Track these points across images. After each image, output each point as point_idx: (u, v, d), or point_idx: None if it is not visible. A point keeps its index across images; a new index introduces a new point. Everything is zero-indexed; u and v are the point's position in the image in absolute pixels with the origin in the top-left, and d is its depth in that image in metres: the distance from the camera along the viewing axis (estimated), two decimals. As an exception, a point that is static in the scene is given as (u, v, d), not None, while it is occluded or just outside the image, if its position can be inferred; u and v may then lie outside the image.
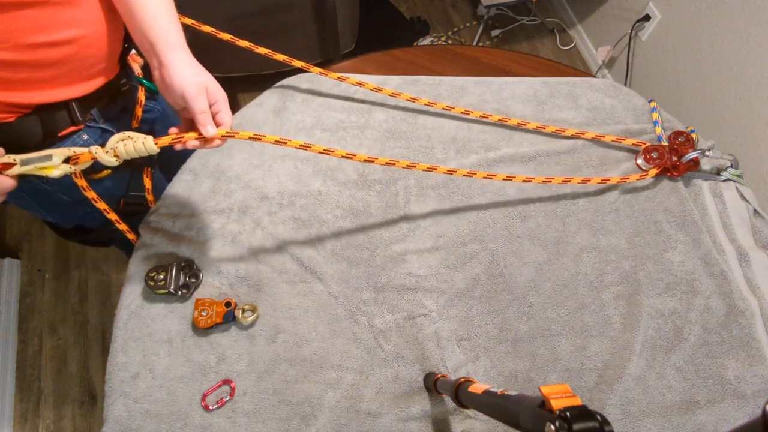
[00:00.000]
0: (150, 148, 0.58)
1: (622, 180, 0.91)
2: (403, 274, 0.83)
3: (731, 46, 1.46)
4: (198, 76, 0.59)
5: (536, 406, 0.39)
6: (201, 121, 0.58)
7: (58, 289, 1.59)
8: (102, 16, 0.64)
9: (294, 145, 0.66)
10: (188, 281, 0.77)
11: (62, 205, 0.79)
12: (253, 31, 1.61)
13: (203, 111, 0.58)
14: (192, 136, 0.59)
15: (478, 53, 1.14)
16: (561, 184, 0.88)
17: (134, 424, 0.70)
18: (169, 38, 0.60)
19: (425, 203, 0.89)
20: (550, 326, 0.81)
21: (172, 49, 0.59)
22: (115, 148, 0.57)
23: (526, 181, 0.85)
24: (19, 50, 0.57)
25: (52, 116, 0.65)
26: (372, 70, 1.06)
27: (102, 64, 0.69)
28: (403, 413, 0.73)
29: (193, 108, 0.57)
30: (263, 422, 0.72)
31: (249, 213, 0.86)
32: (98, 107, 0.71)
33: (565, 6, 2.28)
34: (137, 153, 0.58)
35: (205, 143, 0.59)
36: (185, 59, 0.60)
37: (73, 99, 0.67)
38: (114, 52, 0.70)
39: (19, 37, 0.56)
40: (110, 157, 0.57)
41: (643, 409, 0.76)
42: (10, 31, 0.55)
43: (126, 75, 0.77)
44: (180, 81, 0.57)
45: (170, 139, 0.58)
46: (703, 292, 0.85)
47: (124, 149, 0.57)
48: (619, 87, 1.07)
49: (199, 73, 0.60)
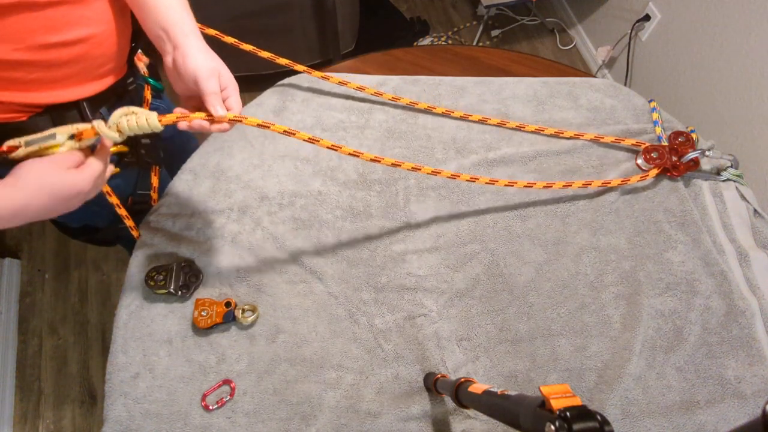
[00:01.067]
0: (153, 124, 0.56)
1: (623, 182, 0.91)
2: (403, 274, 0.83)
3: (731, 46, 1.46)
4: (212, 61, 0.59)
5: (536, 406, 0.39)
6: (211, 101, 0.57)
7: (58, 289, 1.59)
8: (111, 14, 0.64)
9: (302, 137, 0.66)
10: (188, 281, 0.77)
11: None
12: (253, 31, 1.61)
13: (214, 92, 0.58)
14: (199, 116, 0.58)
15: (478, 53, 1.14)
16: (562, 188, 0.88)
17: (134, 424, 0.70)
18: (183, 25, 0.60)
19: (425, 203, 0.89)
20: (550, 326, 0.81)
21: (186, 35, 0.60)
22: (118, 123, 0.56)
23: (528, 187, 0.85)
24: (32, 51, 0.57)
25: (63, 115, 0.65)
26: (372, 70, 1.06)
27: (112, 62, 0.69)
28: (403, 413, 0.73)
29: (204, 89, 0.57)
30: (263, 422, 0.72)
31: (249, 213, 0.86)
32: (107, 106, 0.72)
33: (565, 6, 2.28)
34: (140, 129, 0.56)
35: (211, 125, 0.58)
36: (199, 45, 0.60)
37: (83, 98, 0.67)
38: (123, 50, 0.71)
39: (33, 37, 0.56)
40: (113, 132, 0.55)
41: (643, 409, 0.76)
42: (24, 31, 0.55)
43: (133, 74, 0.77)
44: (194, 64, 0.58)
45: (175, 117, 0.57)
46: (703, 292, 0.85)
47: (127, 124, 0.56)
48: (619, 87, 1.07)
49: (213, 59, 0.60)
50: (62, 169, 0.52)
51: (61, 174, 0.52)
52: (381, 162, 0.74)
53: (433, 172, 0.78)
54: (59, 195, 0.52)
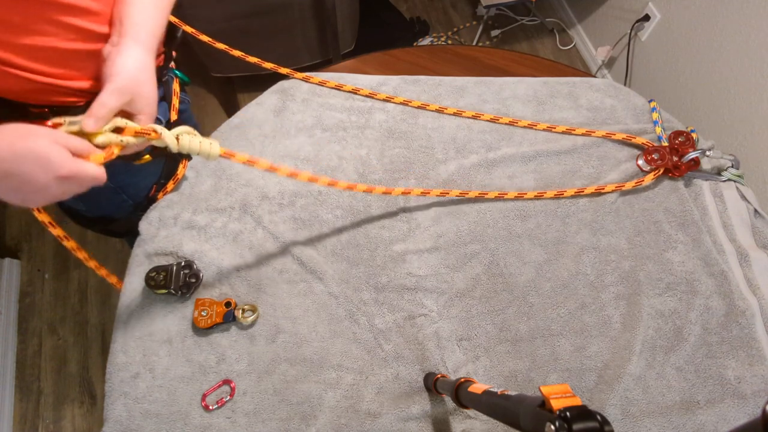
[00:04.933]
0: (214, 154, 0.59)
1: (617, 188, 0.91)
2: (403, 274, 0.83)
3: (731, 46, 1.46)
4: (135, 80, 0.55)
5: (536, 406, 0.39)
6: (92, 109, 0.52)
7: (58, 289, 1.59)
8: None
9: (263, 166, 0.67)
10: (188, 281, 0.77)
11: (102, 193, 0.79)
12: (253, 31, 1.61)
13: (102, 104, 0.53)
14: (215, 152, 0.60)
15: (478, 53, 1.14)
16: (553, 197, 0.88)
17: (134, 424, 0.70)
18: (140, 31, 0.58)
19: (425, 203, 0.89)
20: (550, 326, 0.81)
21: (138, 42, 0.57)
22: (180, 135, 0.57)
23: (538, 197, 0.86)
24: (96, 40, 0.58)
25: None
26: (372, 70, 1.06)
27: (161, 48, 0.71)
28: (403, 413, 0.73)
29: (100, 95, 0.53)
30: (263, 422, 0.71)
31: (250, 212, 0.86)
32: None
33: (564, 6, 2.28)
34: (199, 152, 0.58)
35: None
36: (140, 58, 0.56)
37: None
38: (161, 39, 0.71)
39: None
40: (173, 140, 0.57)
41: (643, 409, 0.76)
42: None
43: (167, 65, 0.79)
44: (115, 69, 0.54)
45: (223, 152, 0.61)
46: (703, 292, 0.85)
47: (189, 144, 0.57)
48: (619, 87, 1.07)
49: (140, 80, 0.55)
50: (56, 143, 0.48)
51: (51, 145, 0.47)
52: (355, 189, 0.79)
53: (442, 194, 0.82)
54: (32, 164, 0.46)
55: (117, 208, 0.85)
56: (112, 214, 0.87)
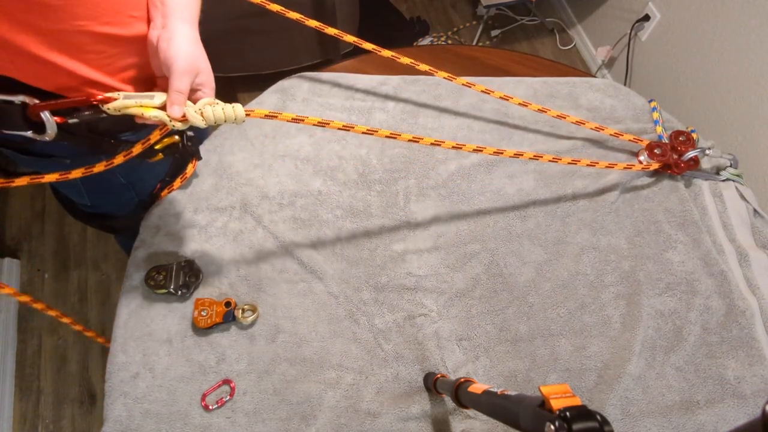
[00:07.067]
0: (240, 115, 0.58)
1: (628, 167, 0.90)
2: (403, 274, 0.83)
3: (731, 46, 1.46)
4: (194, 56, 0.57)
5: (536, 406, 0.39)
6: (172, 98, 0.55)
7: (58, 289, 1.59)
8: None
9: (312, 122, 0.65)
10: (188, 281, 0.77)
11: (112, 189, 0.79)
12: (253, 30, 1.61)
13: (179, 91, 0.55)
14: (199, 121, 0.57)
15: (478, 53, 1.14)
16: (569, 164, 0.86)
17: (134, 423, 0.70)
18: (183, 9, 0.58)
19: (425, 203, 0.89)
20: (550, 326, 0.81)
21: (183, 20, 0.58)
22: (203, 109, 0.57)
23: (536, 158, 0.80)
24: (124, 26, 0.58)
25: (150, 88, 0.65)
26: (372, 70, 1.05)
27: None
28: (403, 413, 0.73)
29: (171, 83, 0.55)
30: (263, 422, 0.71)
31: (250, 211, 0.86)
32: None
33: (564, 6, 2.28)
34: (225, 119, 0.57)
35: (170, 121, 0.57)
36: (189, 34, 0.58)
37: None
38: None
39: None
40: (198, 117, 0.56)
41: (643, 409, 0.76)
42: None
43: None
44: (175, 52, 0.55)
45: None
46: (703, 292, 0.85)
47: (213, 113, 0.57)
48: (619, 87, 1.07)
49: (197, 55, 0.57)
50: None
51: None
52: (399, 138, 0.73)
53: (456, 147, 0.76)
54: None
55: (122, 204, 0.85)
56: (115, 211, 0.87)
